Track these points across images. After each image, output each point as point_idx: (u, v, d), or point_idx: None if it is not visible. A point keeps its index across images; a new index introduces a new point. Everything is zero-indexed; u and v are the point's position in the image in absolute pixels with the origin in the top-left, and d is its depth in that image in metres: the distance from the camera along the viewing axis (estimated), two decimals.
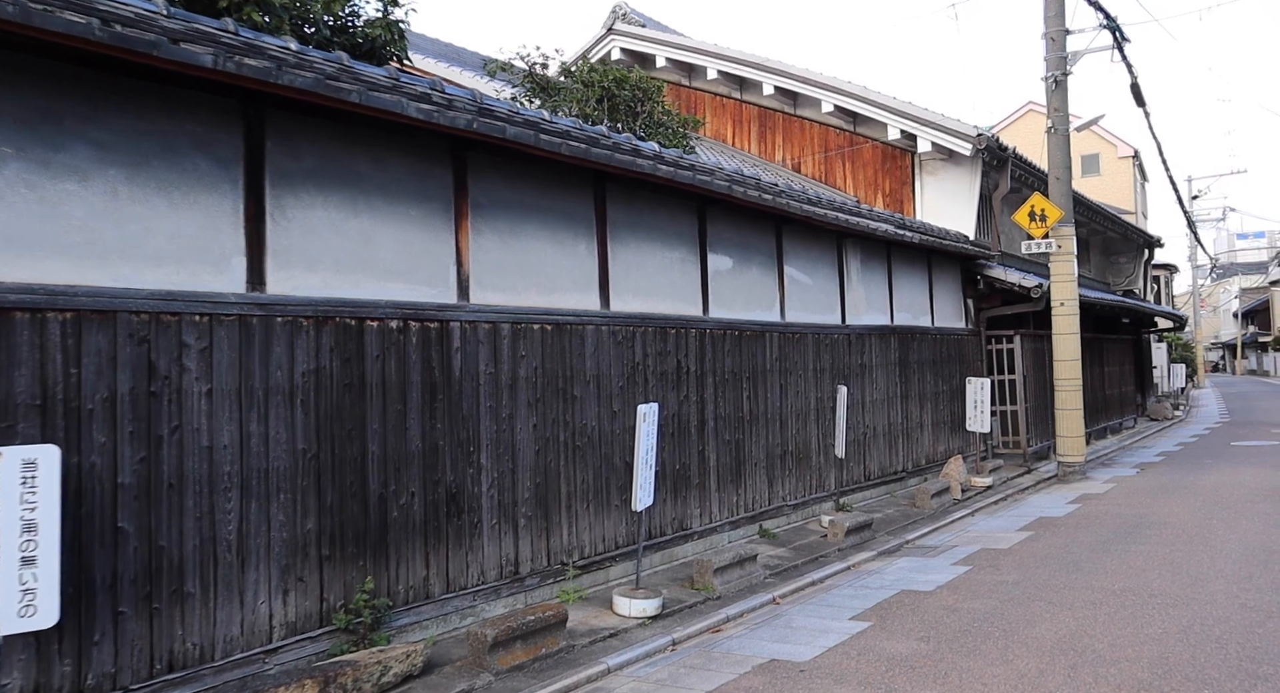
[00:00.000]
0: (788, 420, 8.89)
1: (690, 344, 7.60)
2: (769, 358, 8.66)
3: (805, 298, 9.41)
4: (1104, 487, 11.59)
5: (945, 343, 12.56)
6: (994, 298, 13.66)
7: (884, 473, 10.72)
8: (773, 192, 8.29)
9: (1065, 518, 9.44)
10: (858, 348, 10.27)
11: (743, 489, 8.18)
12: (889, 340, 11.01)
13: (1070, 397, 12.65)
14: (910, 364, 11.49)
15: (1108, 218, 20.73)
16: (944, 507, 10.20)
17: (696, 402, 7.63)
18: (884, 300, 11.08)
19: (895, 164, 14.54)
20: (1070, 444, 12.62)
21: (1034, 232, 12.61)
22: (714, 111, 16.58)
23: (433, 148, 5.48)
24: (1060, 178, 12.71)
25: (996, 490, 11.52)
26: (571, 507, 6.31)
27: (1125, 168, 31.85)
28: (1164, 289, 47.21)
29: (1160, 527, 8.56)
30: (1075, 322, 12.64)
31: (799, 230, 9.28)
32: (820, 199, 9.35)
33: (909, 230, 10.96)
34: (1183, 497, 10.28)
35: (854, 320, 10.28)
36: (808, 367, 9.28)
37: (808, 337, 9.30)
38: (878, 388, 10.67)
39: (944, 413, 12.34)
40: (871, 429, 10.48)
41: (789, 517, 8.82)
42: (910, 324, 11.62)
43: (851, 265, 10.34)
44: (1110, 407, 18.52)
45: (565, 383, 6.31)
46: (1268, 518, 8.70)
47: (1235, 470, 12.36)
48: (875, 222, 10.30)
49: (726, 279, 8.19)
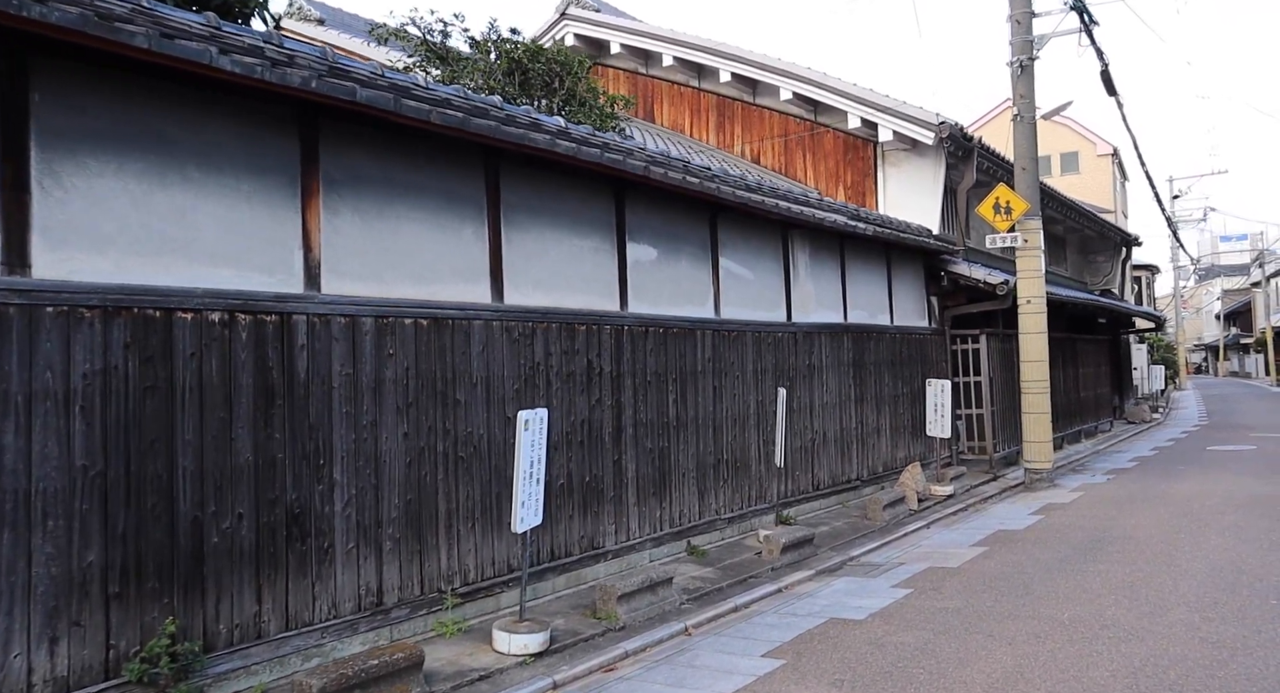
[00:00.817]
0: (723, 426, 8.16)
1: (605, 342, 6.86)
2: (701, 358, 7.93)
3: (745, 293, 8.68)
4: (1071, 496, 10.92)
5: (906, 343, 11.86)
6: (959, 296, 12.98)
7: (835, 482, 10.00)
8: (702, 175, 7.56)
9: (1025, 532, 8.75)
10: (805, 348, 9.56)
11: (668, 502, 7.45)
12: (841, 340, 10.30)
13: (1037, 400, 11.98)
14: (866, 365, 10.79)
15: (1083, 215, 20.13)
16: (897, 518, 9.49)
17: (612, 406, 6.89)
18: (836, 297, 10.37)
19: (857, 155, 13.85)
20: (1037, 450, 11.94)
21: (999, 225, 11.94)
22: (671, 101, 15.87)
23: (268, 112, 4.72)
24: (1026, 168, 12.05)
25: (958, 500, 10.82)
26: (453, 527, 5.56)
27: (1104, 166, 31.32)
28: (1145, 290, 46.80)
29: (1124, 542, 7.87)
30: (1042, 320, 11.98)
31: (737, 220, 8.56)
32: (761, 186, 8.63)
33: (863, 222, 10.26)
34: (1151, 507, 9.61)
35: (801, 318, 9.56)
36: (746, 367, 8.55)
37: (747, 335, 8.58)
38: (828, 391, 9.95)
39: (904, 417, 11.64)
40: (821, 435, 9.76)
41: (723, 532, 8.09)
42: (866, 323, 10.92)
43: (799, 259, 9.62)
44: (1085, 409, 17.89)
45: (446, 386, 5.56)
46: (1238, 531, 8.03)
47: (1209, 477, 11.72)
48: (825, 212, 9.59)
49: (650, 271, 7.46)
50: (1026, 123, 12.00)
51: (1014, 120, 12.07)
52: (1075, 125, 31.94)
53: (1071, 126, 32.06)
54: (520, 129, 5.72)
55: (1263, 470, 12.14)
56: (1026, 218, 11.92)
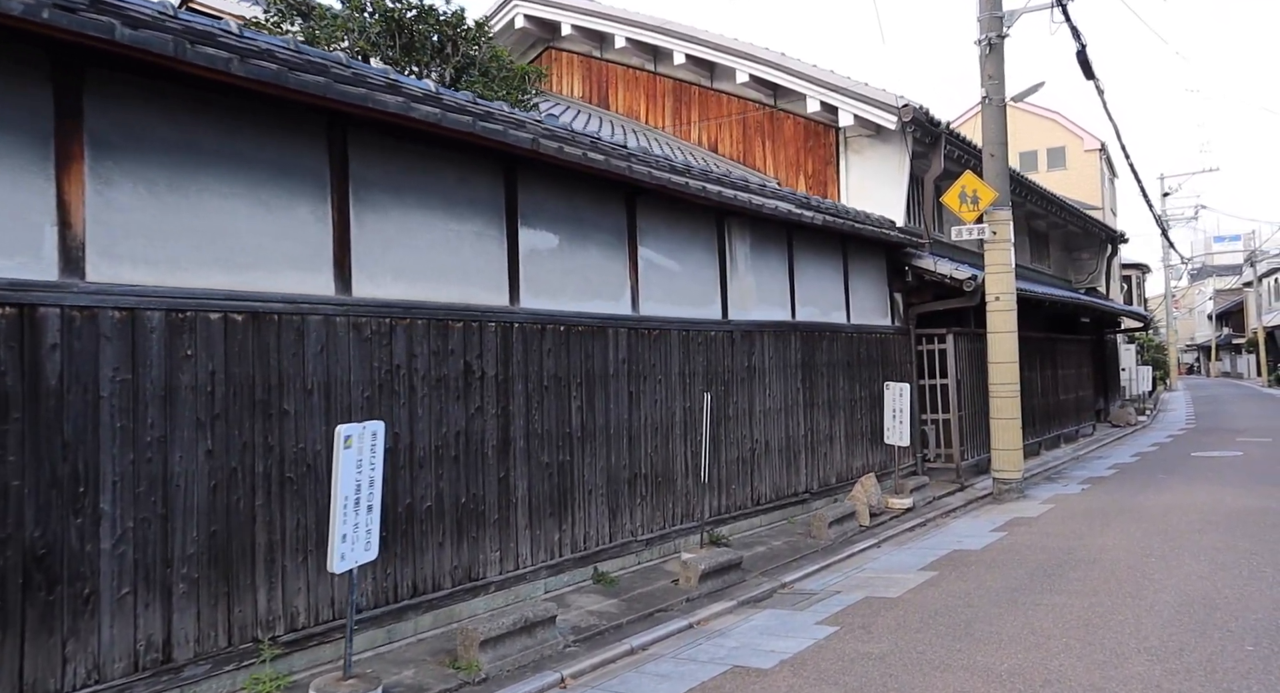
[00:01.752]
0: (640, 436, 7.27)
1: (489, 342, 5.97)
2: (613, 359, 7.04)
3: (670, 287, 7.80)
4: (1040, 509, 10.05)
5: (865, 342, 10.99)
6: (925, 292, 12.11)
7: (780, 495, 9.12)
8: (611, 152, 6.67)
9: (982, 552, 7.88)
10: (744, 348, 8.67)
11: (570, 524, 6.56)
12: (788, 339, 9.41)
13: (1006, 404, 11.12)
14: (817, 367, 9.90)
15: (1065, 210, 19.28)
16: (845, 536, 8.62)
17: (497, 415, 6.00)
18: (783, 292, 9.48)
19: (819, 142, 12.97)
20: (1006, 458, 11.08)
21: (965, 216, 11.07)
22: (627, 86, 14.98)
23: (6, 54, 3.82)
24: (995, 154, 11.18)
25: (917, 513, 9.95)
26: (276, 562, 4.66)
27: (1092, 161, 30.46)
28: (1135, 290, 46.01)
29: (1088, 567, 7.00)
30: (1012, 318, 11.11)
31: (661, 205, 7.67)
32: (691, 168, 7.75)
33: (812, 211, 9.37)
34: (1124, 524, 8.74)
35: (740, 315, 8.68)
36: (671, 370, 7.66)
37: (671, 334, 7.69)
38: (772, 395, 9.07)
39: (862, 423, 10.76)
40: (763, 444, 8.88)
41: (640, 555, 7.20)
42: (818, 321, 10.04)
43: (738, 250, 8.74)
44: (1065, 413, 17.05)
45: (270, 394, 4.67)
46: (1214, 555, 7.17)
47: (1190, 488, 10.86)
48: (767, 199, 8.71)
49: (550, 261, 6.57)
50: (995, 105, 11.14)
51: (982, 103, 11.20)
52: (1062, 120, 31.08)
53: (1058, 121, 31.21)
54: (364, 89, 4.82)
55: (1247, 480, 11.29)
56: (995, 208, 11.06)
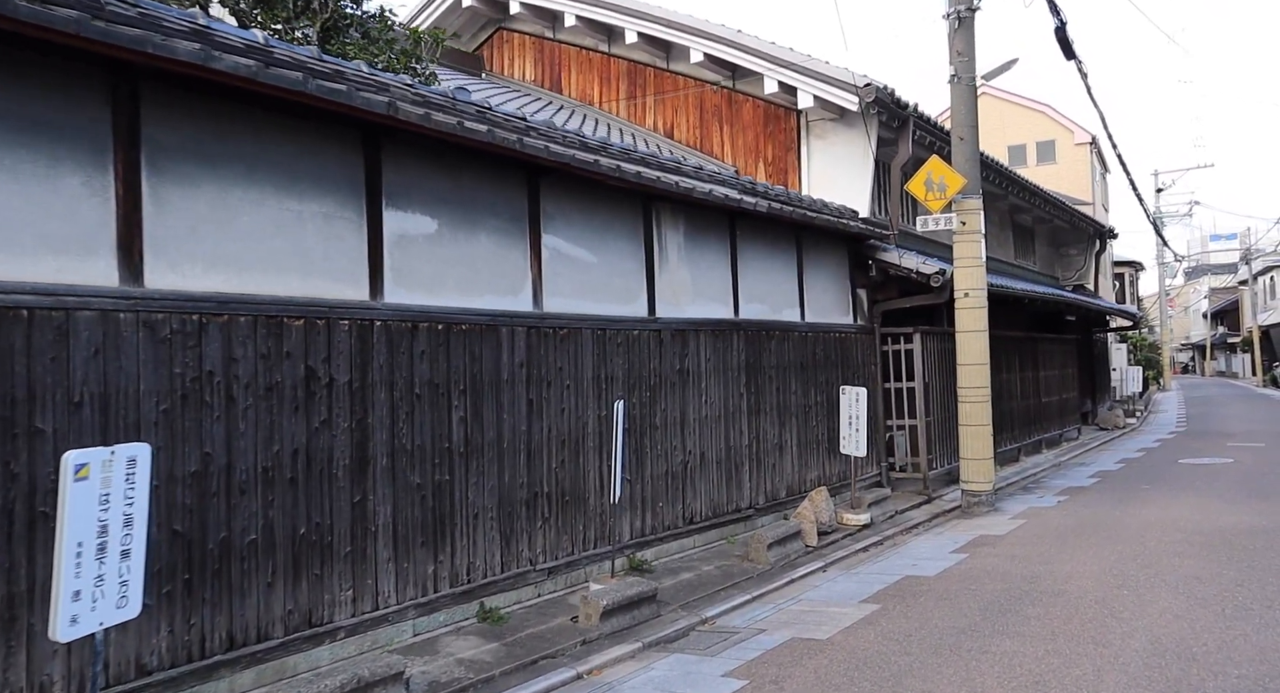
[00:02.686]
0: (543, 450, 6.37)
1: (340, 342, 5.06)
2: (509, 363, 6.14)
3: (584, 280, 6.89)
4: (1009, 525, 9.17)
5: (823, 343, 10.09)
6: (891, 288, 11.21)
7: (718, 513, 8.22)
8: (503, 123, 5.77)
9: (936, 579, 6.99)
10: (675, 349, 7.77)
11: (449, 554, 5.65)
12: (730, 339, 8.51)
13: (976, 409, 10.23)
14: (765, 369, 9.00)
15: (1049, 202, 18.40)
16: (788, 559, 7.72)
17: (351, 429, 5.10)
18: (724, 287, 8.58)
19: (779, 127, 12.07)
20: (976, 468, 10.19)
21: (931, 204, 10.19)
22: (580, 69, 14.07)
23: None
24: (965, 138, 10.29)
25: (875, 530, 9.07)
26: (17, 621, 3.76)
27: (1082, 155, 29.56)
28: (1128, 288, 45.21)
29: (1050, 601, 6.11)
30: (982, 316, 10.23)
31: (572, 187, 6.77)
32: (607, 146, 6.85)
33: (755, 197, 8.47)
34: (1097, 545, 7.86)
35: (670, 312, 7.78)
36: (583, 374, 6.76)
37: (583, 333, 6.79)
38: (709, 401, 8.17)
39: (819, 430, 9.87)
40: (697, 456, 7.98)
41: (540, 587, 6.30)
42: (766, 318, 9.14)
43: (668, 240, 7.83)
44: (1047, 417, 16.17)
45: (12, 408, 3.76)
46: (1195, 586, 6.28)
47: (1174, 501, 9.97)
48: (701, 182, 7.81)
49: (425, 249, 5.66)
50: (965, 85, 10.24)
51: (950, 82, 10.30)
52: (1052, 112, 30.18)
53: (1048, 113, 30.30)
54: (148, 32, 3.91)
55: (1236, 492, 10.42)
56: (965, 196, 10.18)
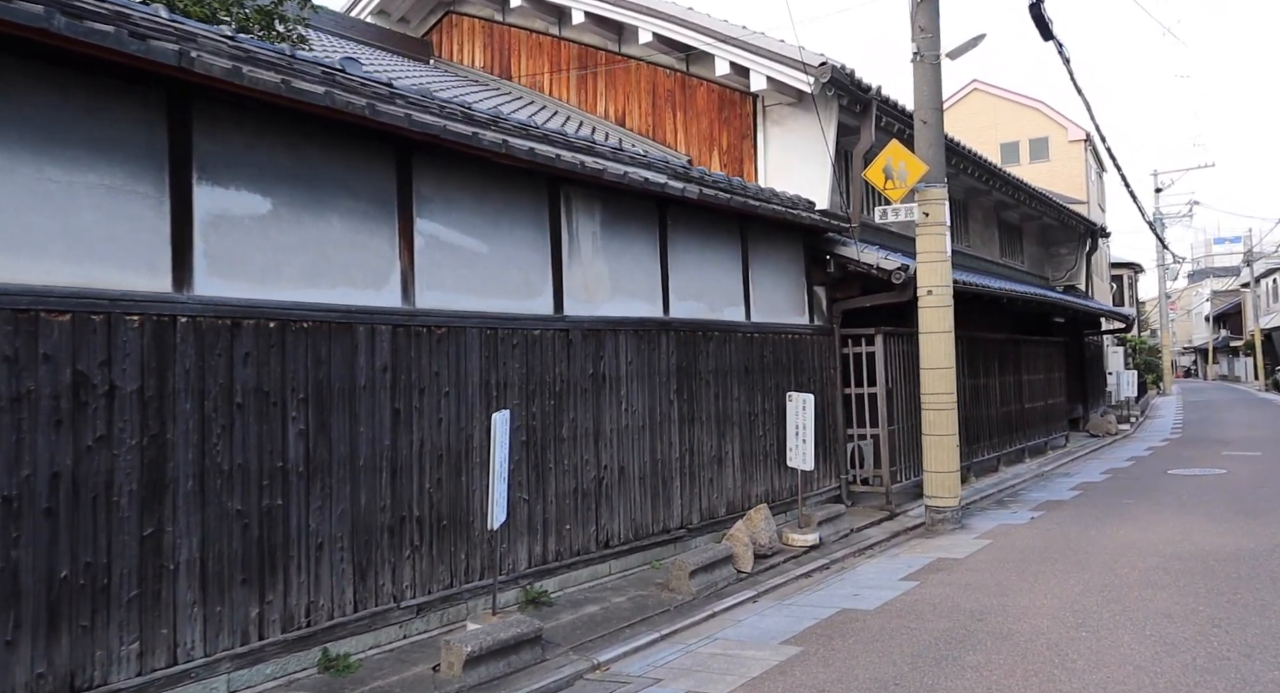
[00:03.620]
0: (412, 468, 5.52)
1: (127, 343, 4.21)
2: (368, 366, 5.29)
3: (471, 273, 6.04)
4: (973, 546, 8.30)
5: (772, 344, 9.23)
6: (851, 285, 10.35)
7: (641, 535, 7.36)
8: (367, 91, 4.93)
9: (874, 614, 6.13)
10: (588, 351, 6.92)
11: (282, 592, 4.80)
12: (658, 340, 7.66)
13: (940, 418, 9.36)
14: (700, 374, 8.15)
15: (1034, 197, 17.53)
16: (714, 588, 6.86)
17: (141, 447, 4.24)
18: (652, 283, 7.73)
19: (734, 113, 11.23)
20: (940, 482, 9.32)
21: (890, 193, 9.32)
22: (530, 54, 13.24)
23: None
24: (929, 121, 9.43)
25: (824, 551, 8.20)
26: None
27: (1076, 153, 28.70)
28: (1127, 290, 44.30)
29: (997, 644, 5.24)
30: (947, 316, 9.37)
31: (455, 166, 5.92)
32: (498, 120, 6.01)
33: (685, 182, 7.62)
34: (1063, 572, 6.99)
35: (582, 310, 6.92)
36: (468, 380, 5.91)
37: (468, 333, 5.93)
38: (632, 410, 7.32)
39: (767, 441, 9.01)
40: (615, 471, 7.12)
41: (408, 627, 5.44)
42: (703, 318, 8.28)
43: (581, 229, 6.98)
44: (1031, 423, 15.28)
45: None
46: (1166, 627, 5.41)
47: (1156, 519, 9.09)
48: (621, 165, 6.96)
49: (254, 232, 4.81)
50: (928, 63, 9.37)
51: (913, 60, 9.44)
52: (1045, 108, 29.30)
53: (1041, 110, 29.43)
54: None
55: (1225, 508, 9.54)
56: (928, 185, 9.31)
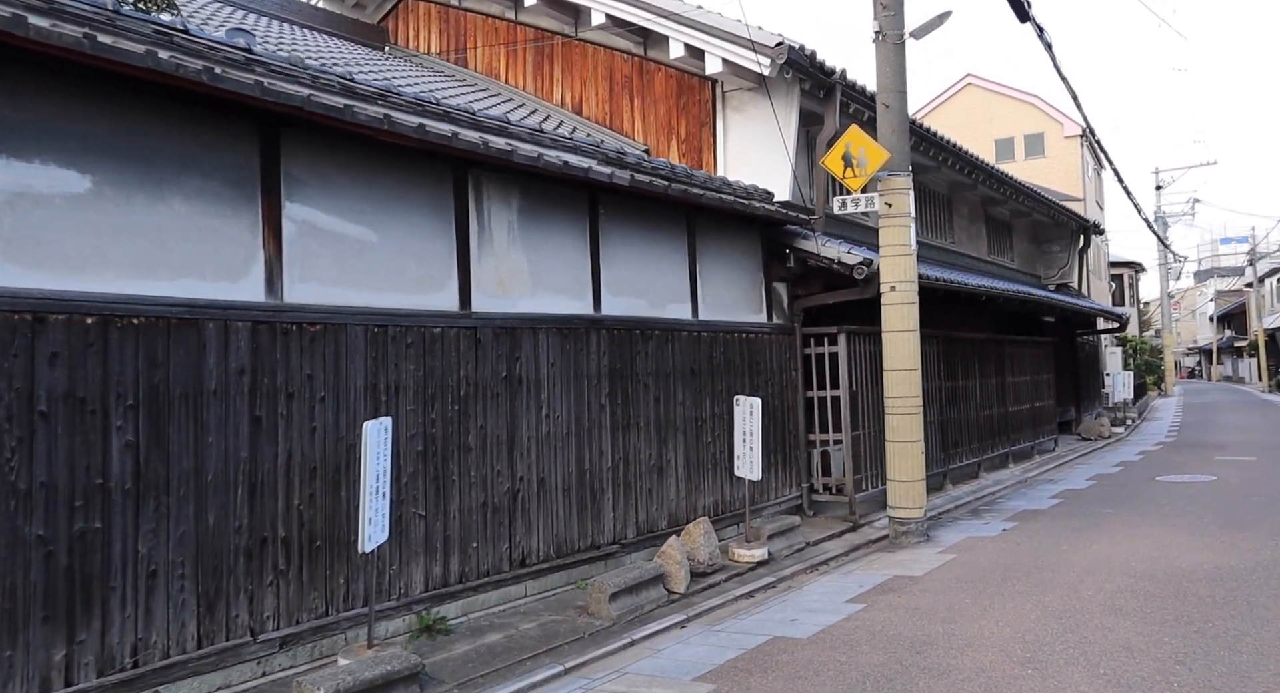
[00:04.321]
0: (277, 483, 4.91)
1: None
2: (221, 369, 4.68)
3: (356, 263, 5.43)
4: (933, 562, 7.67)
5: (724, 344, 8.62)
6: (813, 281, 9.73)
7: (565, 552, 6.74)
8: (218, 57, 4.33)
9: (808, 643, 5.50)
10: (500, 351, 6.30)
11: (100, 629, 4.18)
12: (587, 340, 7.05)
13: (904, 422, 8.73)
14: (638, 376, 7.54)
15: (1021, 192, 16.87)
16: (640, 612, 6.25)
17: None
18: (580, 277, 7.12)
19: (693, 99, 10.61)
20: (904, 492, 8.69)
21: (850, 183, 8.70)
22: (486, 39, 12.64)
23: None
24: (891, 105, 8.80)
25: (773, 568, 7.59)
26: None
27: (1073, 149, 27.99)
28: (1128, 290, 43.55)
29: (931, 682, 4.62)
30: (911, 313, 8.73)
31: (334, 145, 5.31)
32: (387, 94, 5.41)
33: (616, 167, 7.01)
34: (1024, 593, 6.35)
35: (494, 306, 6.31)
36: (348, 384, 5.30)
37: (350, 331, 5.32)
38: (554, 416, 6.70)
39: (716, 448, 8.39)
40: (533, 482, 6.50)
41: (267, 663, 4.83)
42: (642, 316, 7.67)
43: (494, 216, 6.37)
44: (1016, 427, 14.62)
45: None
46: (1120, 662, 4.78)
47: (1134, 532, 8.44)
48: (540, 147, 6.36)
49: (65, 213, 4.20)
50: (891, 43, 8.74)
51: (875, 40, 8.81)
52: (1040, 103, 28.58)
53: (1036, 105, 28.72)
54: None
55: (1210, 519, 8.89)
56: (891, 173, 8.68)
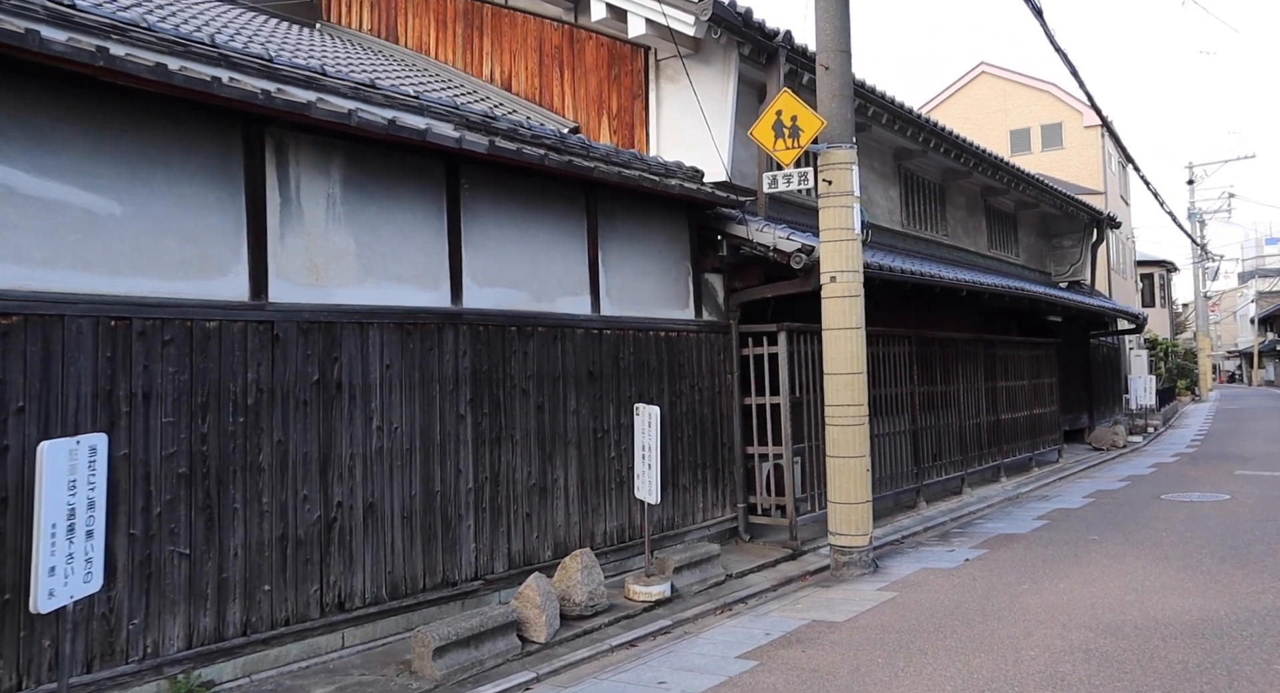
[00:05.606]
0: None
1: None
2: None
3: (83, 239, 4.34)
4: (867, 602, 6.44)
5: (637, 343, 7.46)
6: (752, 272, 8.53)
7: (403, 592, 5.60)
8: None
9: None
10: (311, 350, 5.19)
11: None
12: (441, 337, 5.92)
13: (847, 435, 7.51)
14: (513, 381, 6.39)
15: (1020, 179, 15.48)
16: (477, 669, 5.10)
17: None
18: (433, 262, 5.99)
19: (625, 70, 9.45)
20: (847, 517, 7.46)
21: (781, 155, 7.50)
22: (416, 12, 11.59)
23: None
24: (832, 67, 7.59)
25: (674, 608, 6.42)
26: None
27: (1093, 140, 26.40)
28: (1158, 290, 41.67)
29: None
30: (855, 308, 7.51)
31: (45, 92, 4.23)
32: (130, 27, 4.33)
33: (468, 132, 5.88)
34: (953, 652, 5.11)
35: (303, 295, 5.20)
36: (60, 389, 4.21)
37: (64, 325, 4.23)
38: (391, 428, 5.58)
39: (623, 464, 7.23)
40: (358, 509, 5.38)
41: None
42: (521, 309, 6.53)
43: (304, 188, 5.27)
44: (1010, 437, 13.27)
45: None
46: None
47: (1115, 566, 7.13)
48: (350, 101, 5.25)
49: None
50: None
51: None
52: (1058, 91, 27.01)
53: (1054, 93, 27.15)
54: None
55: (1209, 549, 7.56)
56: (831, 146, 7.48)
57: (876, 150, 12.59)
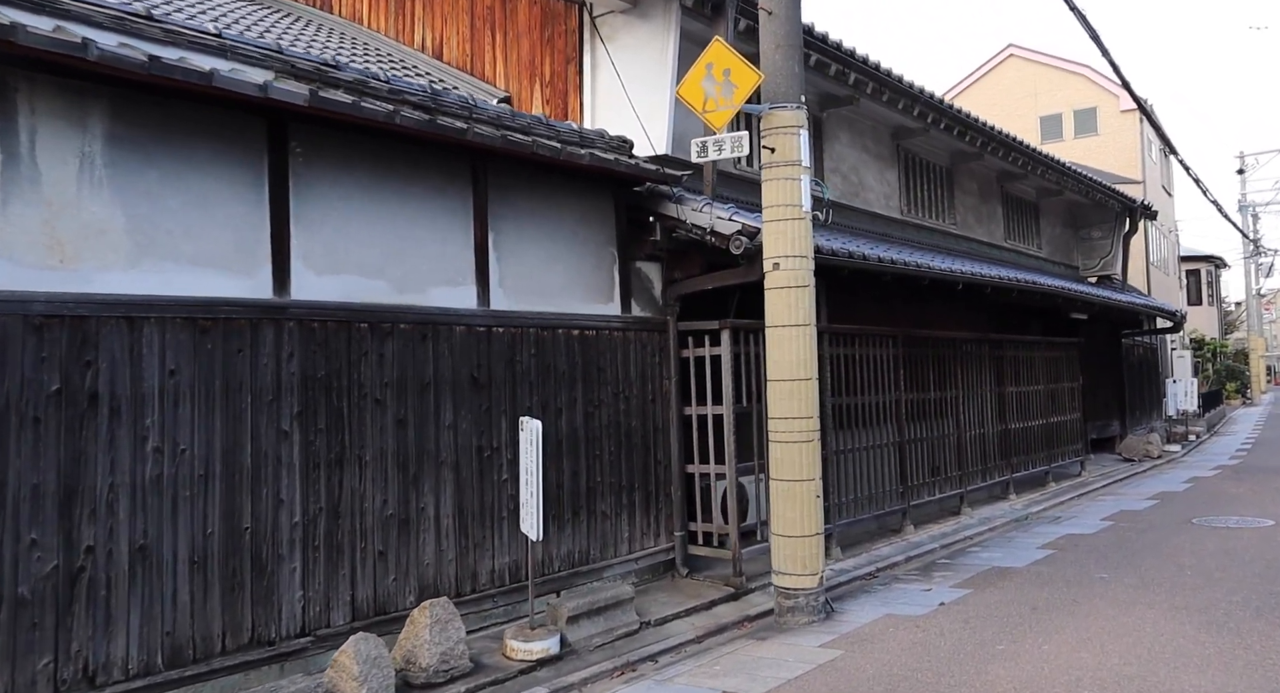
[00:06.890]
0: None
1: None
2: None
3: None
4: (803, 664, 5.16)
5: (540, 344, 6.25)
6: (693, 260, 7.27)
7: (189, 658, 4.43)
8: None
9: None
10: (49, 352, 4.05)
11: None
12: (254, 336, 4.76)
13: (793, 454, 6.22)
14: (362, 389, 5.22)
15: (1036, 161, 14.00)
16: None
17: None
18: (246, 241, 4.81)
19: (558, 30, 8.25)
20: (792, 553, 6.18)
21: (711, 118, 6.25)
22: None
23: None
24: (775, 12, 6.32)
25: (560, 669, 5.22)
26: None
27: (1130, 125, 24.60)
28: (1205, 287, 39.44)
29: None
30: (803, 300, 6.22)
31: None
32: None
33: (312, 83, 4.71)
34: None
35: (38, 282, 4.06)
36: None
37: None
38: (174, 450, 4.42)
39: (516, 489, 6.00)
40: (120, 554, 4.22)
41: None
42: (372, 302, 5.35)
43: (38, 145, 4.12)
44: (1023, 448, 11.84)
45: None
46: None
47: (1119, 620, 5.77)
48: (113, 34, 4.10)
49: None
50: None
51: None
52: (1091, 73, 25.23)
53: (1087, 76, 25.39)
54: None
55: (1241, 597, 6.16)
56: (774, 106, 6.21)
57: (870, 128, 11.27)
